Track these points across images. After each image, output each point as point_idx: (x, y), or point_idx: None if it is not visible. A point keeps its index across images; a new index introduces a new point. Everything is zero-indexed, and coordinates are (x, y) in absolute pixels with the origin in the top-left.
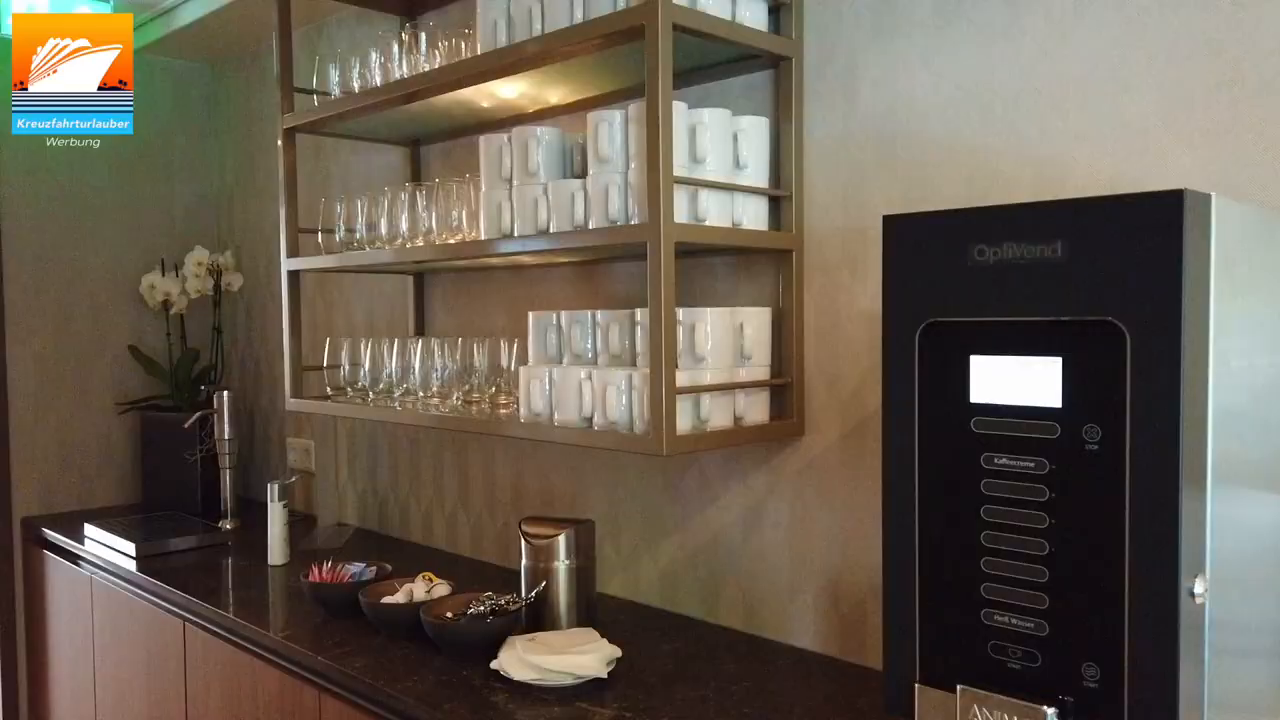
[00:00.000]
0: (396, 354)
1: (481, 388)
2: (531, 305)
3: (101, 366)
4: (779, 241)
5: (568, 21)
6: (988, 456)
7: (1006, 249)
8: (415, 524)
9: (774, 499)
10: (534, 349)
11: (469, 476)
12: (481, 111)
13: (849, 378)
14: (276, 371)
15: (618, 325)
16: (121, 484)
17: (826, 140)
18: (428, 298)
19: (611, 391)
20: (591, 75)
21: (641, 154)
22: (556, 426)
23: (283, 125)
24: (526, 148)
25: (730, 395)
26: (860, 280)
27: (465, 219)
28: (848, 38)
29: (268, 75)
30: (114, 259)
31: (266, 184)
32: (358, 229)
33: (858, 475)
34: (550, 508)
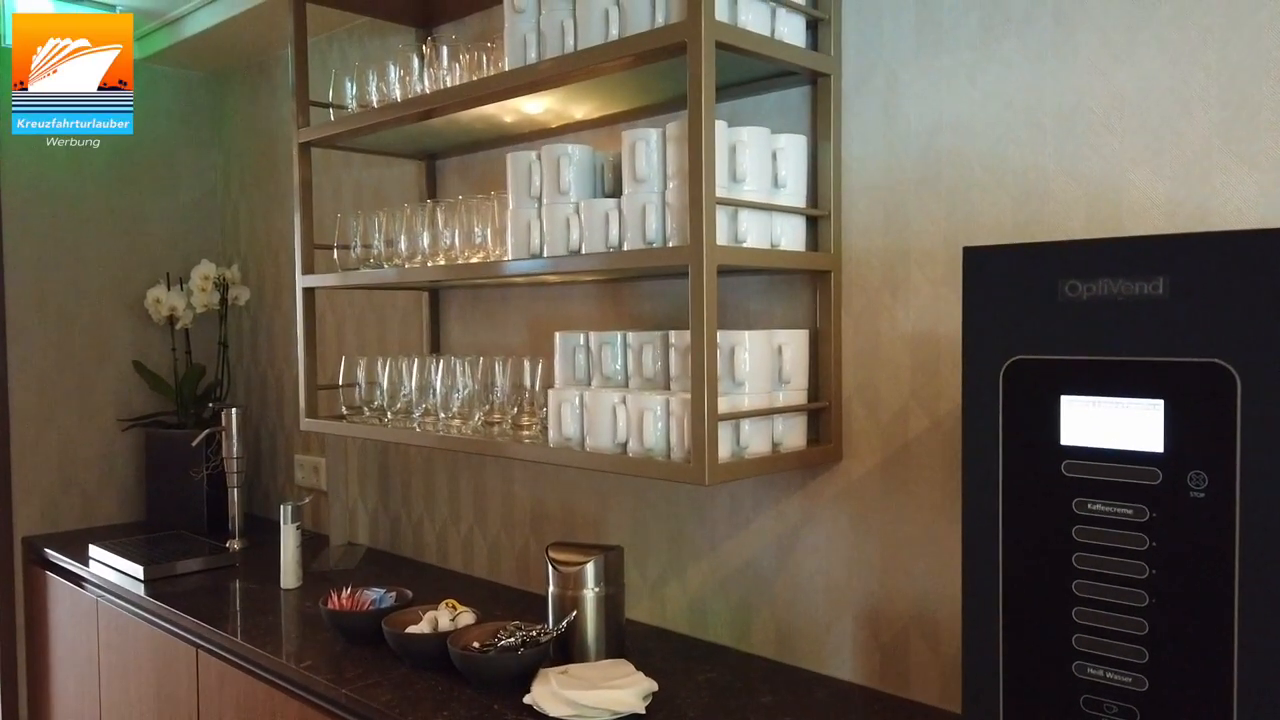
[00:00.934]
0: (416, 373)
1: (503, 408)
2: (553, 323)
3: (103, 382)
4: (817, 262)
5: (602, 37)
6: (1080, 502)
7: (1101, 285)
8: (429, 545)
9: (810, 525)
10: (561, 370)
11: (486, 497)
12: (503, 126)
13: (890, 402)
14: (284, 387)
15: (651, 347)
16: (124, 502)
17: (866, 158)
18: (443, 313)
19: (648, 417)
20: (620, 90)
21: (680, 173)
22: (589, 452)
23: (298, 139)
24: (558, 165)
25: (769, 420)
26: (902, 302)
27: (490, 236)
28: (888, 54)
29: (274, 86)
30: (117, 272)
31: (273, 196)
32: (375, 245)
33: (900, 502)
34: (572, 531)
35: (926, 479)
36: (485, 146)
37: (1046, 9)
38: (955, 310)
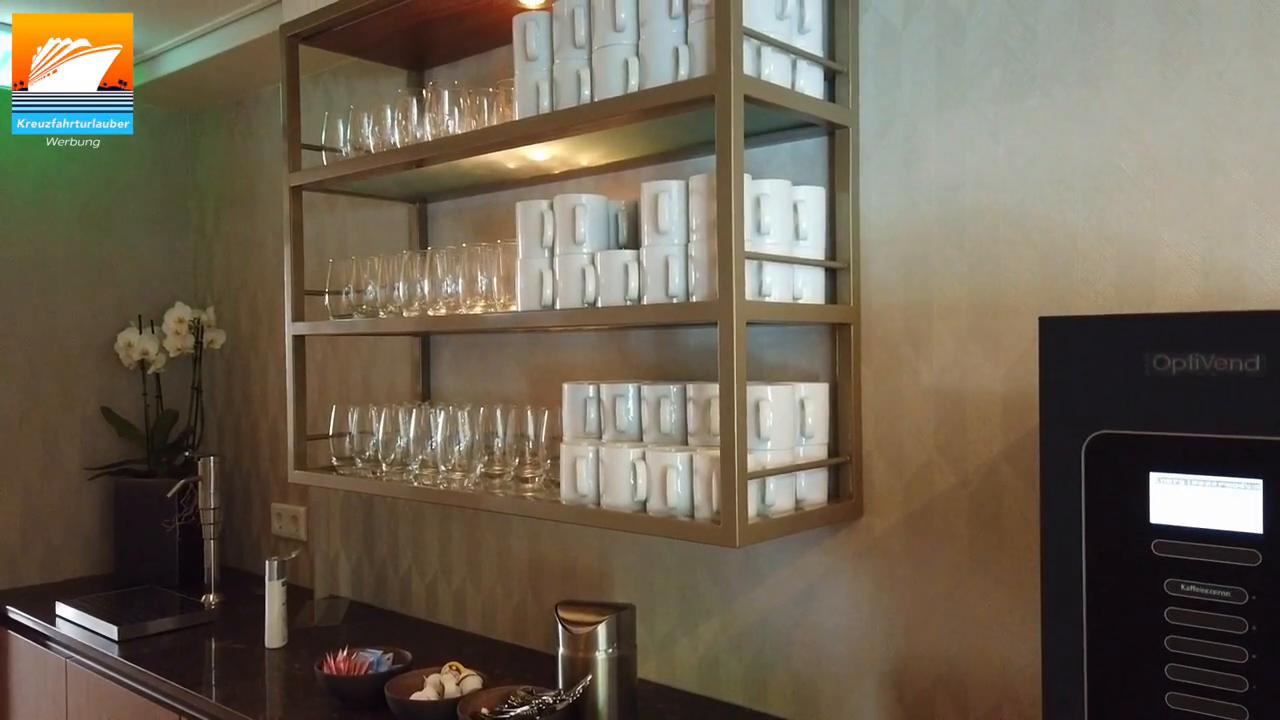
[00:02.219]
0: (414, 422)
1: (504, 459)
2: (553, 371)
3: (70, 429)
4: (837, 315)
5: (621, 88)
6: (1172, 583)
7: (1192, 360)
8: (418, 598)
9: (829, 582)
10: (570, 422)
11: (480, 549)
12: (505, 172)
13: (913, 457)
14: (261, 433)
15: (668, 400)
16: (90, 555)
17: (886, 211)
18: (434, 360)
19: (671, 475)
20: (630, 139)
21: (705, 226)
22: (606, 511)
23: (289, 183)
24: (572, 215)
25: (791, 476)
26: (924, 355)
27: (496, 285)
28: (907, 108)
29: (252, 125)
30: (85, 315)
31: (251, 238)
32: (370, 290)
33: (924, 559)
34: (573, 586)
35: (953, 536)
36: (482, 190)
37: (1072, 68)
38: (981, 365)
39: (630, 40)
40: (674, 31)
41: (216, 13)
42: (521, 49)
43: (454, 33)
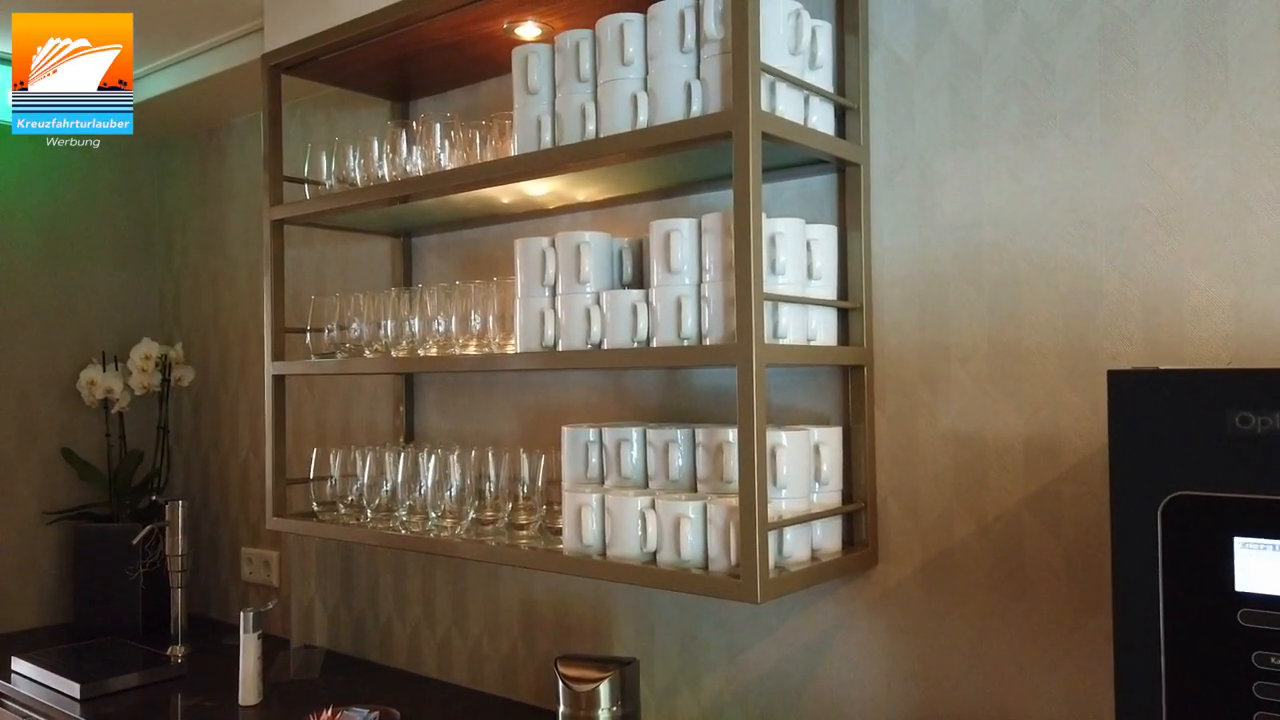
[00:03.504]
0: (402, 465)
1: (497, 504)
2: (547, 412)
3: (27, 471)
4: (850, 357)
5: (628, 123)
6: (1261, 655)
7: None
8: (399, 647)
9: (843, 633)
10: (570, 468)
11: (466, 595)
12: (498, 207)
13: (930, 503)
14: (230, 474)
15: (677, 445)
16: (47, 604)
17: (899, 250)
18: (418, 399)
19: (685, 525)
20: (631, 175)
21: (719, 266)
22: (612, 563)
23: (270, 217)
24: (576, 253)
25: (807, 525)
26: (942, 399)
27: (492, 324)
28: (921, 145)
29: (225, 155)
30: (45, 351)
31: (222, 272)
32: (354, 328)
33: (943, 609)
34: (567, 636)
35: (973, 585)
36: (470, 225)
37: (1093, 107)
38: (1002, 409)
39: (638, 74)
40: (685, 66)
41: (191, 41)
42: (522, 82)
43: (441, 64)
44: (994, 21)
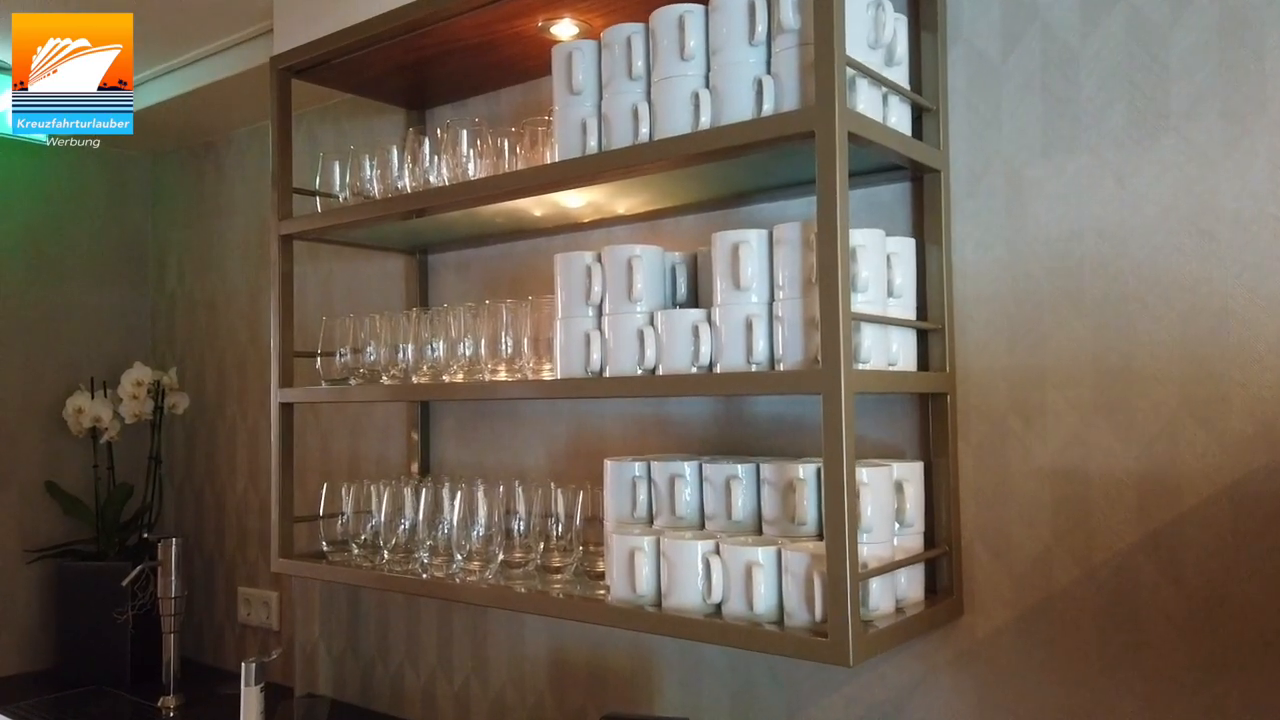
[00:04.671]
0: (423, 501)
1: (528, 544)
2: (580, 444)
3: (6, 504)
4: (933, 384)
5: (689, 124)
6: None
7: None
8: (412, 698)
9: (923, 693)
10: (614, 506)
11: (487, 642)
12: (527, 221)
13: (1024, 546)
14: (228, 510)
15: (740, 482)
16: (27, 649)
17: (984, 265)
18: (434, 429)
19: (759, 574)
20: (680, 184)
21: (795, 281)
22: (670, 616)
23: (279, 231)
24: (628, 269)
25: (891, 574)
26: (1037, 430)
27: (527, 347)
28: (1009, 150)
29: (224, 169)
30: (28, 377)
31: (220, 293)
32: (370, 352)
33: (1040, 667)
34: (602, 689)
35: (1076, 639)
36: (493, 241)
37: (1213, 105)
38: (1109, 442)
39: (699, 71)
40: (754, 60)
41: (189, 45)
42: (565, 81)
43: (462, 69)
44: (1093, 13)
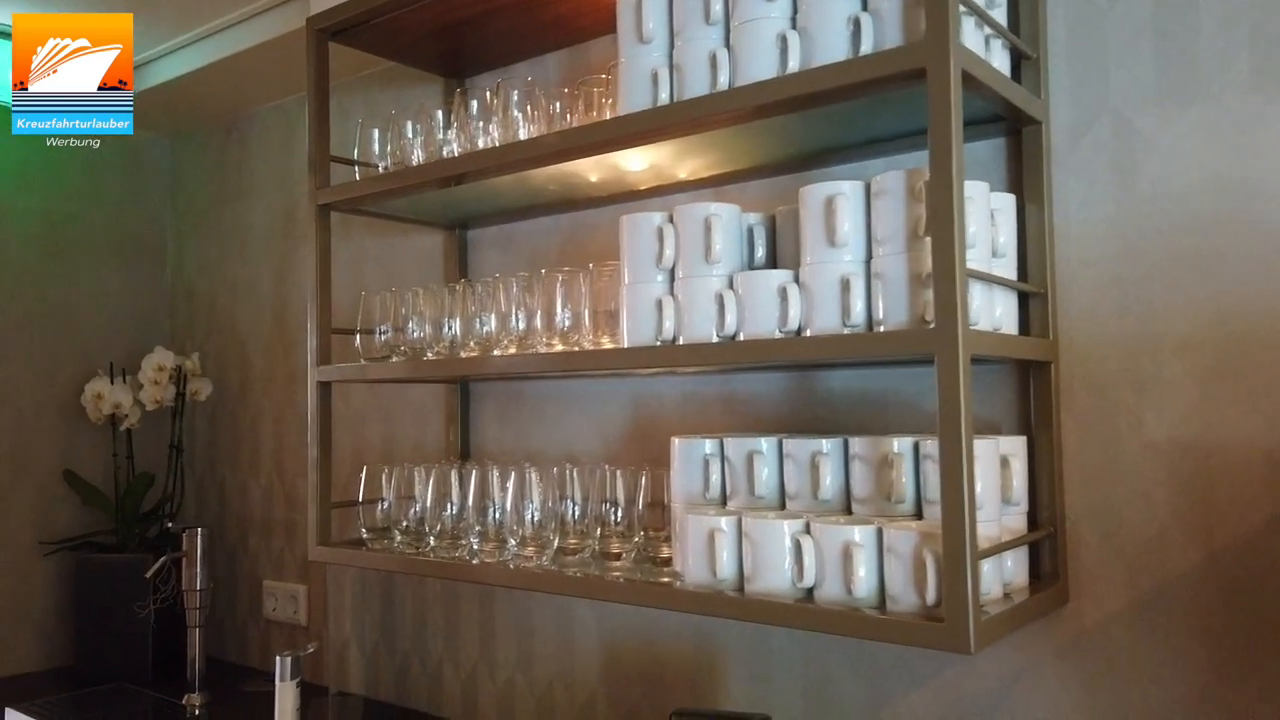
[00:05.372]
0: (473, 485)
1: (583, 530)
2: (635, 425)
3: (22, 495)
4: (1038, 351)
5: (774, 68)
6: None
7: None
8: (451, 695)
9: (1024, 686)
10: (682, 486)
11: (532, 635)
12: (580, 187)
13: (1137, 528)
14: (251, 499)
15: (827, 459)
16: (43, 645)
17: (1090, 224)
18: (475, 411)
19: (859, 555)
20: (754, 141)
21: (898, 236)
22: (757, 601)
23: (317, 200)
24: (705, 229)
25: (998, 556)
26: (1151, 401)
27: (587, 319)
28: (1117, 100)
29: (248, 148)
30: (44, 363)
31: (242, 275)
32: (412, 329)
33: (1155, 659)
34: (661, 683)
35: (1197, 628)
36: (538, 213)
37: None
38: (1234, 413)
39: (784, 12)
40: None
41: (207, 15)
42: (633, 30)
43: (505, 30)
44: None
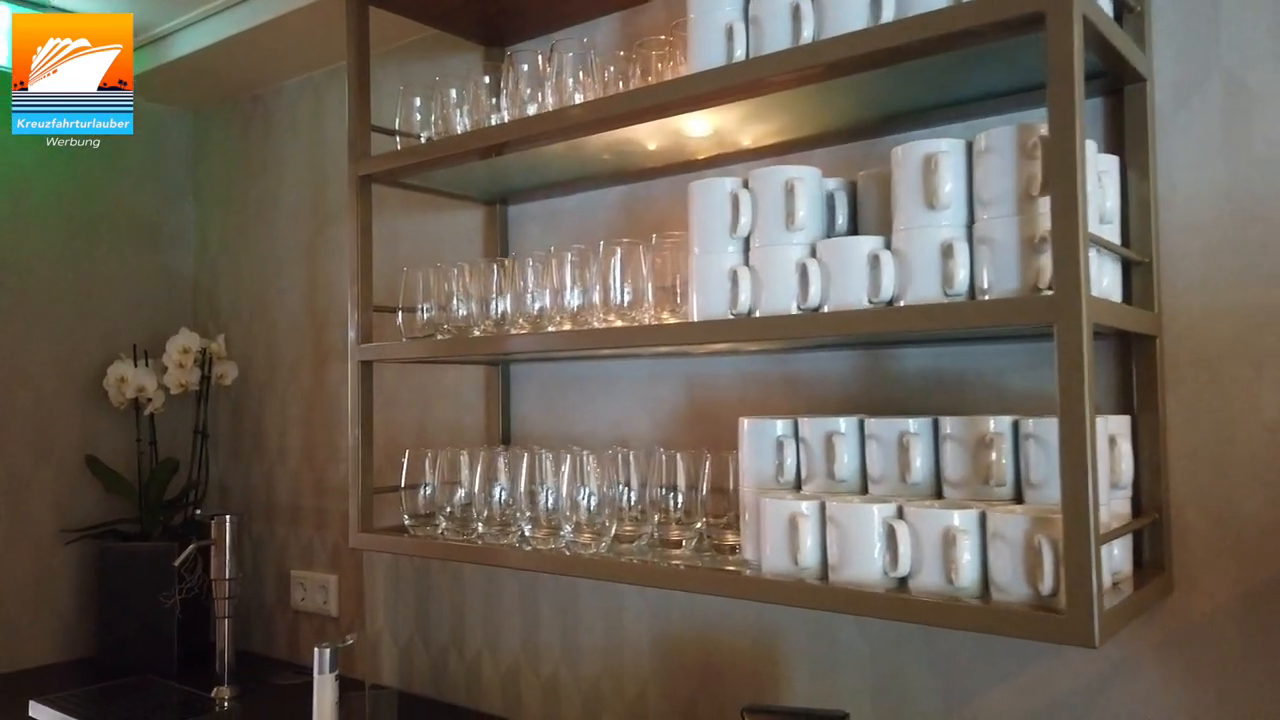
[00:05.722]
0: (526, 469)
1: (641, 517)
2: (691, 408)
3: (41, 483)
4: (1144, 323)
5: (865, 19)
6: None
7: None
8: (492, 689)
9: (1119, 684)
10: (753, 471)
11: (579, 627)
12: (635, 157)
13: (1253, 515)
14: (278, 486)
15: (918, 440)
16: (64, 637)
17: (1199, 188)
18: (515, 396)
19: (960, 542)
20: (825, 102)
21: (1010, 196)
22: (846, 590)
23: (357, 171)
24: (788, 194)
25: (1107, 543)
26: (1270, 378)
27: (651, 293)
28: (1229, 57)
29: (273, 124)
30: (64, 345)
31: (269, 256)
32: (456, 305)
33: (1274, 655)
34: (718, 676)
35: None
36: (585, 186)
37: None
38: None
39: None
40: None
41: None
42: None
43: None
44: None
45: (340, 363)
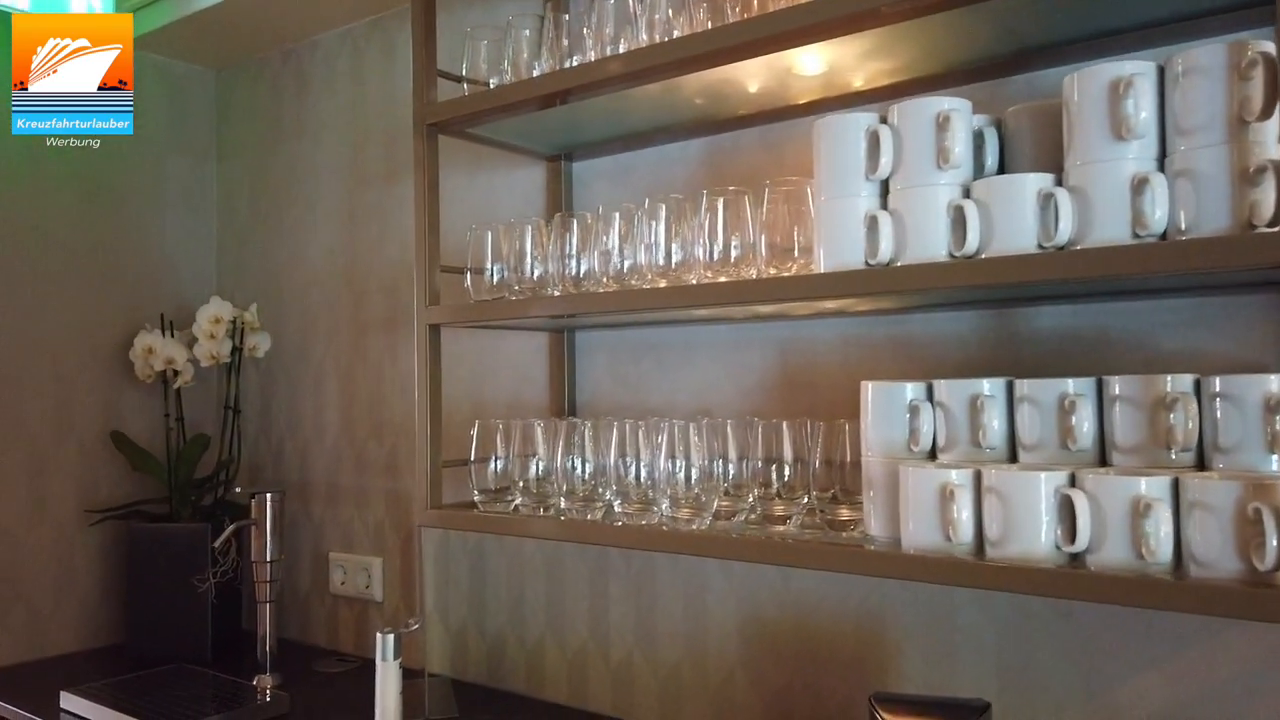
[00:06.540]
0: (615, 440)
1: (740, 491)
2: (786, 375)
3: (64, 461)
4: None
5: None
6: None
7: None
8: (555, 677)
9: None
10: (880, 439)
11: (655, 610)
12: (730, 100)
13: None
14: (314, 464)
15: (1087, 400)
16: (88, 622)
17: None
18: (581, 365)
19: (1155, 512)
20: (949, 36)
21: (1218, 124)
22: (1012, 568)
23: (424, 119)
24: (940, 128)
25: None
26: None
27: (764, 247)
28: None
29: (306, 81)
30: (88, 315)
31: (301, 221)
32: (530, 266)
33: None
34: (812, 665)
35: None
36: (662, 139)
37: None
38: None
39: None
40: None
41: None
42: None
43: None
44: None
45: (382, 333)
